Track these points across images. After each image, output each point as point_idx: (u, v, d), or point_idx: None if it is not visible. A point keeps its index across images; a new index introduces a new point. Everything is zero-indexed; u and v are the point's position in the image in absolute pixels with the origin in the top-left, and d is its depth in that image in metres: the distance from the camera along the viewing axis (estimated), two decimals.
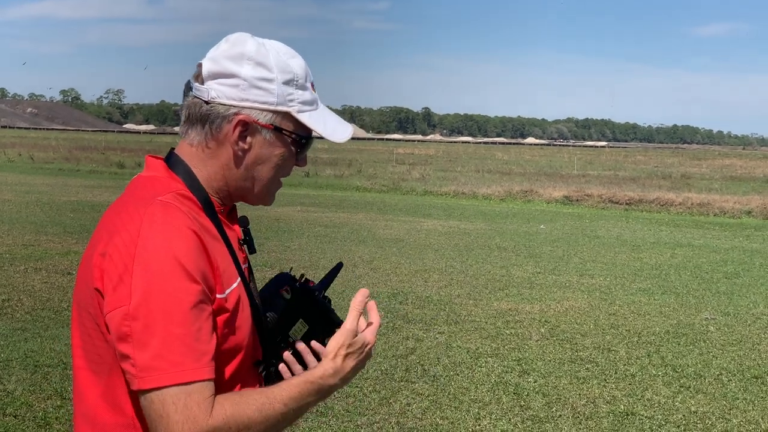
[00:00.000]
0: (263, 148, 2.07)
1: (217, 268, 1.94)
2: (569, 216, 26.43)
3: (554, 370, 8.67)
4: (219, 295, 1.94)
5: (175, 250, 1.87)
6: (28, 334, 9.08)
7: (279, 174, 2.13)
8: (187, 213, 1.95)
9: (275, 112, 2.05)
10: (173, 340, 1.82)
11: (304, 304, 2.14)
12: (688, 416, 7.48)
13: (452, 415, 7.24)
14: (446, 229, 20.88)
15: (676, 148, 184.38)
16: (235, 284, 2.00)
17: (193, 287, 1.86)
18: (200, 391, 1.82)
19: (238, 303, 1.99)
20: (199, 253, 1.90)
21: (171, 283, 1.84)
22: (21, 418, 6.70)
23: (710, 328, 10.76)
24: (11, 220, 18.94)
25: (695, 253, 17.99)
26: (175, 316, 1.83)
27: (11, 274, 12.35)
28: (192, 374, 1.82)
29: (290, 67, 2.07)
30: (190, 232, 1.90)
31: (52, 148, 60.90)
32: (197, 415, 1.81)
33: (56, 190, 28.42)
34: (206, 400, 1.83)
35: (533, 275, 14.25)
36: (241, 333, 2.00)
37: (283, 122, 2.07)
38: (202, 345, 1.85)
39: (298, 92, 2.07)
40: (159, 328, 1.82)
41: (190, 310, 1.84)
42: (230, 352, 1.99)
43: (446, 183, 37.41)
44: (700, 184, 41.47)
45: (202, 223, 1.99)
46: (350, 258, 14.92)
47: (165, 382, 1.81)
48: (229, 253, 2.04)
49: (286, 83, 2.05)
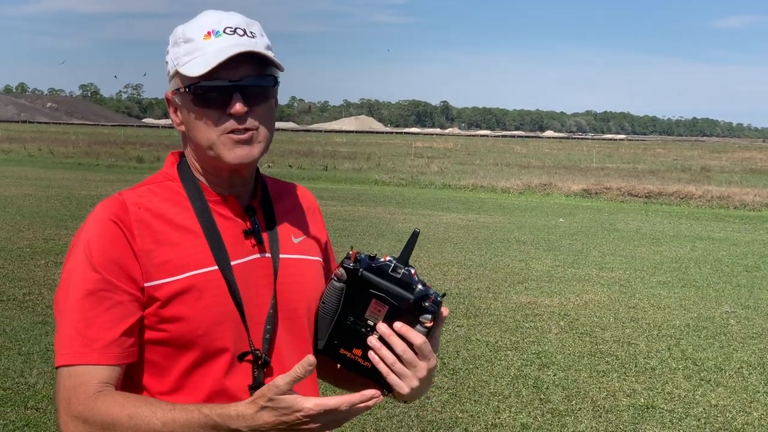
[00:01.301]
0: (184, 115, 2.07)
1: (143, 257, 1.96)
2: (588, 209, 26.36)
3: (574, 363, 8.66)
4: (147, 284, 1.96)
5: (87, 240, 1.97)
6: (49, 328, 9.13)
7: (209, 130, 2.02)
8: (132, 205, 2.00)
9: (171, 78, 2.07)
10: (66, 324, 1.92)
11: (359, 282, 2.00)
12: (708, 409, 7.45)
13: (472, 408, 7.24)
14: (465, 223, 20.86)
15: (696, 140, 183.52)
16: (189, 273, 1.98)
17: (91, 275, 1.93)
18: (81, 374, 1.89)
19: (183, 292, 1.97)
20: (115, 243, 1.95)
21: (76, 271, 1.95)
22: (42, 411, 6.74)
23: (730, 321, 10.71)
24: (32, 214, 19.04)
25: (715, 246, 17.91)
26: (70, 303, 1.93)
27: (32, 268, 12.41)
28: (76, 358, 1.90)
29: (178, 31, 2.06)
30: (110, 224, 1.97)
31: (71, 143, 61.12)
32: (73, 398, 1.88)
33: (76, 184, 28.54)
34: (84, 384, 1.89)
35: (552, 268, 14.22)
36: (191, 323, 1.97)
37: (177, 83, 2.05)
38: (95, 330, 1.91)
39: (182, 47, 2.03)
40: (60, 313, 1.95)
41: (84, 297, 1.92)
42: (176, 343, 1.98)
43: (465, 176, 37.34)
44: (720, 177, 41.26)
45: (163, 214, 2.02)
46: (369, 252, 14.88)
47: (57, 362, 1.92)
48: (209, 242, 2.02)
49: (173, 46, 2.06)
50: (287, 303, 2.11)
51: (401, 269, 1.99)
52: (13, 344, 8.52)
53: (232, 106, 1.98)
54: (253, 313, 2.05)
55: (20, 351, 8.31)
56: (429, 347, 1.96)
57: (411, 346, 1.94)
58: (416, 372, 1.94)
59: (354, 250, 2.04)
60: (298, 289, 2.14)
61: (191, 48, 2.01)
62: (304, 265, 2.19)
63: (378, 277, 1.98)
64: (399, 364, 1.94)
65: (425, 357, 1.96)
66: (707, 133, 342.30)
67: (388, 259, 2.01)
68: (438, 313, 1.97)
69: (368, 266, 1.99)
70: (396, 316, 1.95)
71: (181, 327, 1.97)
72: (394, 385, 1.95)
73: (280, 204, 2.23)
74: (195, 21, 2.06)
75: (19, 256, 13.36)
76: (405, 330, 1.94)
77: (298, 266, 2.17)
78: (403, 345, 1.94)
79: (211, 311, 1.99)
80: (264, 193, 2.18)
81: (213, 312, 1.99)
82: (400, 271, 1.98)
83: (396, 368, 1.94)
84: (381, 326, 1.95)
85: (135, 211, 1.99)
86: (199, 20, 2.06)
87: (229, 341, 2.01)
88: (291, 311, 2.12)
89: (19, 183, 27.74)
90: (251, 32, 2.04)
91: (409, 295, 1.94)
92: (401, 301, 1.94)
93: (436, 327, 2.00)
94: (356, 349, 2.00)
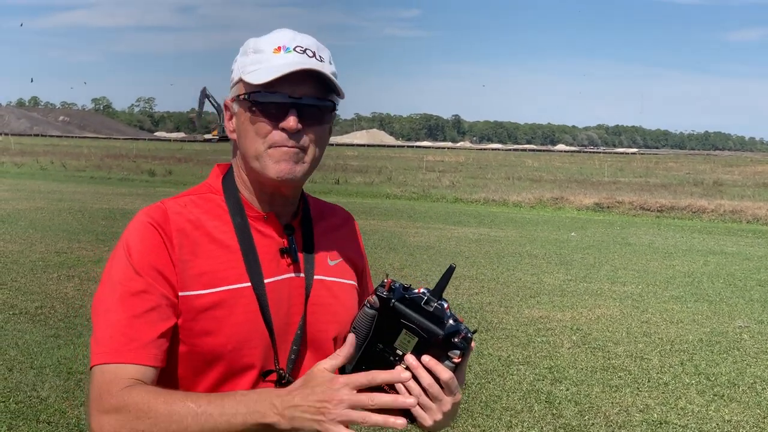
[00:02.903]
0: (238, 123, 2.10)
1: (179, 266, 1.99)
2: (600, 223, 26.30)
3: (586, 378, 8.63)
4: (181, 293, 1.98)
5: (130, 244, 1.99)
6: (62, 341, 9.14)
7: (258, 140, 2.05)
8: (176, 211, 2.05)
9: (234, 85, 2.11)
10: (104, 325, 1.94)
11: (390, 312, 1.97)
12: (722, 425, 7.41)
13: (484, 423, 7.22)
14: (477, 237, 20.83)
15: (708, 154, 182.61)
16: (223, 288, 2.00)
17: (132, 277, 1.96)
18: (114, 371, 1.90)
19: (214, 307, 1.99)
20: (155, 249, 1.98)
21: (118, 273, 1.98)
22: (54, 425, 6.74)
23: (744, 336, 10.67)
24: (44, 227, 19.09)
25: (728, 261, 17.85)
26: (111, 303, 1.95)
27: (44, 282, 12.44)
28: (114, 357, 1.91)
29: (250, 43, 2.10)
30: (150, 229, 2.00)
31: (84, 156, 61.36)
32: (104, 393, 1.88)
33: (88, 197, 28.60)
34: (121, 380, 1.89)
35: (564, 283, 14.19)
36: (219, 338, 1.99)
37: (239, 90, 2.09)
38: (132, 331, 1.92)
39: (251, 57, 2.07)
40: (98, 314, 1.97)
41: (124, 298, 1.94)
42: (203, 356, 2.00)
43: (476, 190, 37.32)
44: (732, 190, 41.16)
45: (202, 226, 2.05)
46: (381, 266, 14.91)
47: (93, 361, 1.93)
48: (245, 258, 2.04)
49: (242, 56, 2.10)
50: (317, 324, 2.12)
51: (434, 302, 1.97)
52: (26, 358, 8.53)
53: (286, 121, 2.01)
54: (282, 331, 2.06)
55: (32, 365, 8.31)
56: (456, 382, 1.93)
57: (437, 380, 1.92)
58: (441, 406, 1.91)
59: (389, 278, 2.01)
60: (329, 312, 2.14)
61: (259, 59, 2.05)
62: (337, 287, 2.19)
63: (410, 309, 1.95)
64: (424, 397, 1.91)
65: (451, 392, 1.93)
66: (719, 147, 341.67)
67: (422, 291, 1.99)
68: (467, 349, 1.96)
69: (401, 297, 1.96)
70: (425, 348, 1.93)
71: (211, 341, 1.99)
72: (418, 416, 1.91)
73: (320, 225, 2.24)
74: (269, 35, 2.10)
75: (32, 270, 13.39)
76: (433, 364, 1.91)
77: (332, 288, 2.17)
78: (429, 378, 1.90)
79: (241, 327, 2.01)
80: (305, 213, 2.20)
81: (243, 328, 2.01)
82: (433, 305, 1.96)
83: (421, 400, 1.91)
84: (409, 358, 1.92)
85: (176, 221, 2.03)
86: (272, 35, 2.09)
87: (256, 358, 2.03)
88: (320, 332, 2.12)
89: (31, 196, 27.83)
90: (320, 56, 2.06)
91: (440, 331, 1.93)
92: (431, 335, 1.93)
93: (464, 362, 1.98)
94: None
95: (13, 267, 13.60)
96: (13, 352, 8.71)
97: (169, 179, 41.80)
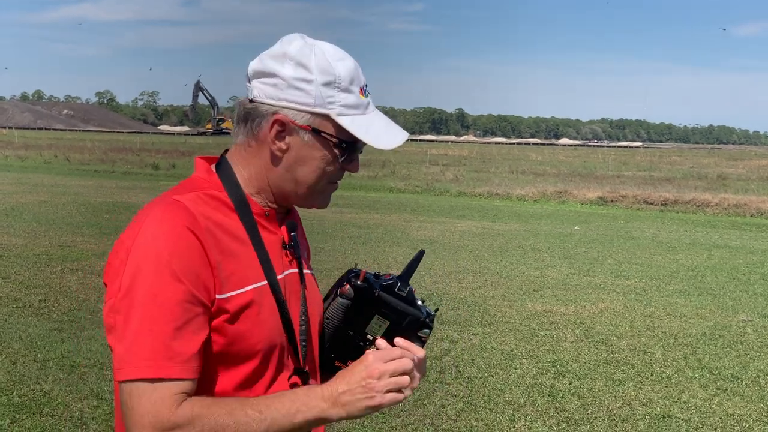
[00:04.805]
0: (302, 150, 2.04)
1: (216, 269, 1.93)
2: (604, 217, 26.29)
3: (589, 371, 8.63)
4: (218, 296, 1.94)
5: (165, 248, 1.88)
6: (65, 335, 9.15)
7: (324, 177, 2.07)
8: (197, 212, 1.95)
9: (313, 113, 2.01)
10: (147, 335, 1.84)
11: (368, 301, 2.07)
12: (725, 419, 7.41)
13: (487, 416, 7.22)
14: (480, 230, 20.83)
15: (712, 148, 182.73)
16: (250, 287, 1.99)
17: (176, 286, 1.87)
18: (168, 387, 1.84)
19: (247, 306, 1.98)
20: (193, 252, 1.90)
21: (154, 280, 1.86)
22: (58, 418, 6.75)
23: (747, 330, 10.66)
24: (48, 221, 19.11)
25: (732, 255, 17.83)
26: (152, 313, 1.85)
27: (48, 275, 12.45)
28: (160, 371, 1.84)
29: (333, 69, 2.01)
30: (187, 232, 1.90)
31: (87, 150, 61.38)
32: (160, 410, 1.83)
33: (92, 191, 28.63)
34: (173, 396, 1.84)
35: (568, 276, 14.19)
36: (252, 338, 1.98)
37: (322, 124, 2.02)
38: (178, 343, 1.86)
39: (341, 95, 2.01)
40: (136, 322, 1.85)
41: (169, 308, 1.86)
42: (236, 357, 1.98)
43: (480, 184, 37.33)
44: (736, 184, 41.12)
45: (221, 224, 1.99)
46: (384, 259, 14.92)
47: (134, 375, 1.84)
48: (258, 255, 2.03)
49: (325, 85, 2.00)
50: (311, 317, 2.16)
51: (405, 287, 2.10)
52: (29, 351, 8.54)
53: (352, 165, 2.11)
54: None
55: (36, 358, 8.32)
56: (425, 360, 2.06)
57: None
58: (412, 383, 1.99)
59: (363, 269, 2.11)
60: (313, 303, 2.18)
61: (353, 102, 2.04)
62: (311, 279, 2.23)
63: (391, 296, 2.07)
64: None
65: (422, 370, 2.05)
66: (723, 141, 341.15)
67: (391, 277, 2.11)
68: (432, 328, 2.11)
69: (381, 286, 2.07)
70: (396, 332, 2.05)
71: (244, 341, 1.98)
72: None
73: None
74: (338, 60, 2.04)
75: (35, 263, 13.41)
76: (407, 345, 2.02)
77: (311, 281, 2.22)
78: None
79: (267, 325, 2.02)
80: (293, 209, 2.23)
81: (269, 326, 2.02)
82: (405, 290, 2.09)
83: None
84: (380, 342, 2.03)
85: (203, 220, 1.95)
86: (342, 62, 2.04)
87: (280, 356, 2.06)
88: (312, 326, 2.16)
89: (35, 190, 27.84)
90: None
91: (420, 314, 2.07)
92: (413, 319, 2.06)
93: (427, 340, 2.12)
94: (351, 362, 2.03)
95: (17, 260, 13.61)
96: (16, 345, 8.72)
97: (172, 173, 41.81)
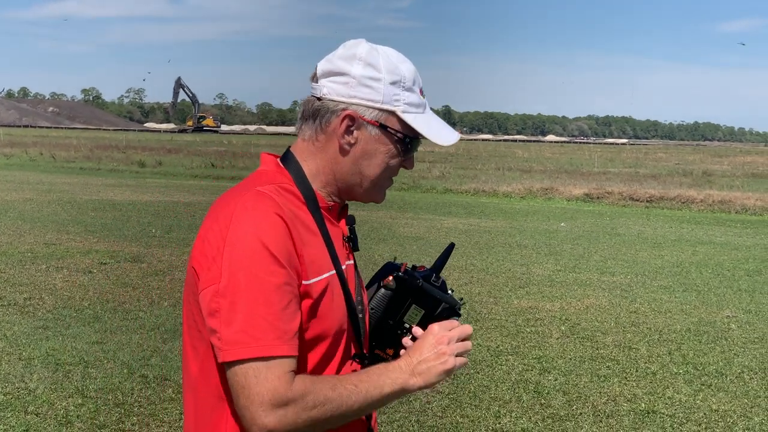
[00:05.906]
0: (369, 144, 2.20)
1: (302, 255, 2.07)
2: (590, 213, 26.35)
3: (575, 368, 8.66)
4: (304, 282, 2.07)
5: (262, 234, 2.01)
6: (50, 333, 9.14)
7: (387, 171, 2.24)
8: (280, 202, 2.09)
9: (381, 110, 2.18)
10: (256, 317, 1.97)
11: (410, 291, 2.24)
12: (709, 414, 7.45)
13: (472, 413, 7.24)
14: (466, 227, 20.86)
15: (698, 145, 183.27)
16: (325, 275, 2.13)
17: (278, 270, 2.00)
18: (280, 365, 1.97)
19: (324, 293, 2.11)
20: (287, 238, 2.04)
21: (257, 264, 1.99)
22: (42, 417, 6.74)
23: (732, 326, 10.71)
24: (33, 218, 19.05)
25: (716, 251, 17.90)
26: (259, 295, 1.98)
27: (33, 273, 12.42)
28: (273, 349, 1.97)
29: (399, 69, 2.20)
30: (278, 218, 2.04)
31: (73, 147, 61.19)
32: (277, 386, 1.95)
33: (78, 188, 28.55)
34: (286, 374, 1.97)
35: (554, 273, 14.22)
36: (327, 322, 2.12)
37: (388, 120, 2.19)
38: (284, 323, 1.99)
39: (405, 94, 2.20)
40: (243, 305, 1.97)
41: (273, 290, 1.99)
42: (313, 340, 2.11)
43: (466, 181, 37.35)
44: (721, 181, 41.26)
45: (298, 215, 2.12)
46: (370, 256, 14.92)
47: (247, 354, 1.96)
48: (327, 246, 2.16)
49: (392, 84, 2.18)
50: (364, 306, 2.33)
51: (438, 278, 2.28)
52: (14, 349, 8.53)
53: (409, 161, 2.27)
54: None
55: (20, 356, 8.31)
56: None
57: None
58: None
59: (404, 262, 2.31)
60: (364, 293, 2.34)
61: (415, 101, 2.23)
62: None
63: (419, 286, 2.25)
64: None
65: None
66: (709, 138, 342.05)
67: (425, 269, 2.28)
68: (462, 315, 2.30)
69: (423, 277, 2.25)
70: (431, 318, 2.23)
71: (320, 325, 2.11)
72: None
73: None
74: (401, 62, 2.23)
75: (20, 261, 13.38)
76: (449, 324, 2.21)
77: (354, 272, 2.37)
78: None
79: (337, 312, 2.15)
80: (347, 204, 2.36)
81: (339, 313, 2.16)
82: (438, 281, 2.27)
83: None
84: (416, 329, 2.22)
85: (285, 210, 2.08)
86: (404, 64, 2.24)
87: (347, 341, 2.21)
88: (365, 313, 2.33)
89: (20, 187, 27.76)
90: None
91: (456, 301, 2.25)
92: (447, 307, 2.24)
93: None
94: (389, 349, 2.25)
95: (2, 258, 13.58)
96: (1, 344, 8.70)
97: (159, 170, 41.74)
